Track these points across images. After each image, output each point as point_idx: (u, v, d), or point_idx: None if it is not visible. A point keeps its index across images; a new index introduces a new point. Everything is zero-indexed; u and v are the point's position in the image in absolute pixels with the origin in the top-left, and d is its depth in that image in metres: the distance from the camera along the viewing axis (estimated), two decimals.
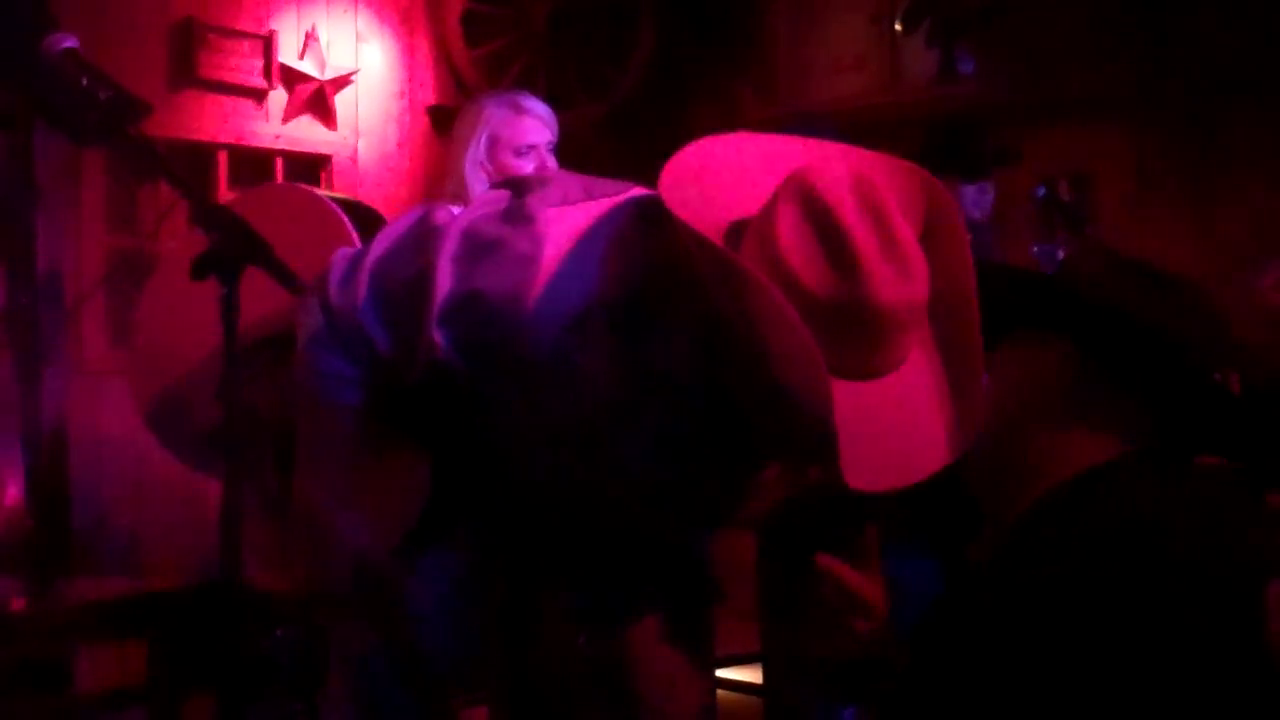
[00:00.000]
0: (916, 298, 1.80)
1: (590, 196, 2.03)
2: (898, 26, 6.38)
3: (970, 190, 4.65)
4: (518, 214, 1.99)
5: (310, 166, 5.73)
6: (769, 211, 1.82)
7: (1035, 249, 4.65)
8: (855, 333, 1.77)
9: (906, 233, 1.80)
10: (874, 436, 1.77)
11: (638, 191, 2.05)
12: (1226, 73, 5.54)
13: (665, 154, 5.85)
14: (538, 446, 2.07)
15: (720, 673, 4.12)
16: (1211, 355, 1.89)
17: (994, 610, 1.69)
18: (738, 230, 1.87)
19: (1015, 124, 5.88)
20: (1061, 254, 4.63)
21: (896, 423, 1.82)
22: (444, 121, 6.05)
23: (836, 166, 1.83)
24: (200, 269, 1.96)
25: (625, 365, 1.95)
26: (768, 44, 6.82)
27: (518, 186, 2.07)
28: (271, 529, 2.28)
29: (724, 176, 1.91)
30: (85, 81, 2.20)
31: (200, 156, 5.42)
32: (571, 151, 3.91)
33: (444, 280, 1.94)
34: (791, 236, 1.77)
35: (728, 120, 6.65)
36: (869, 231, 1.77)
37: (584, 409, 1.99)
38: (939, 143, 4.80)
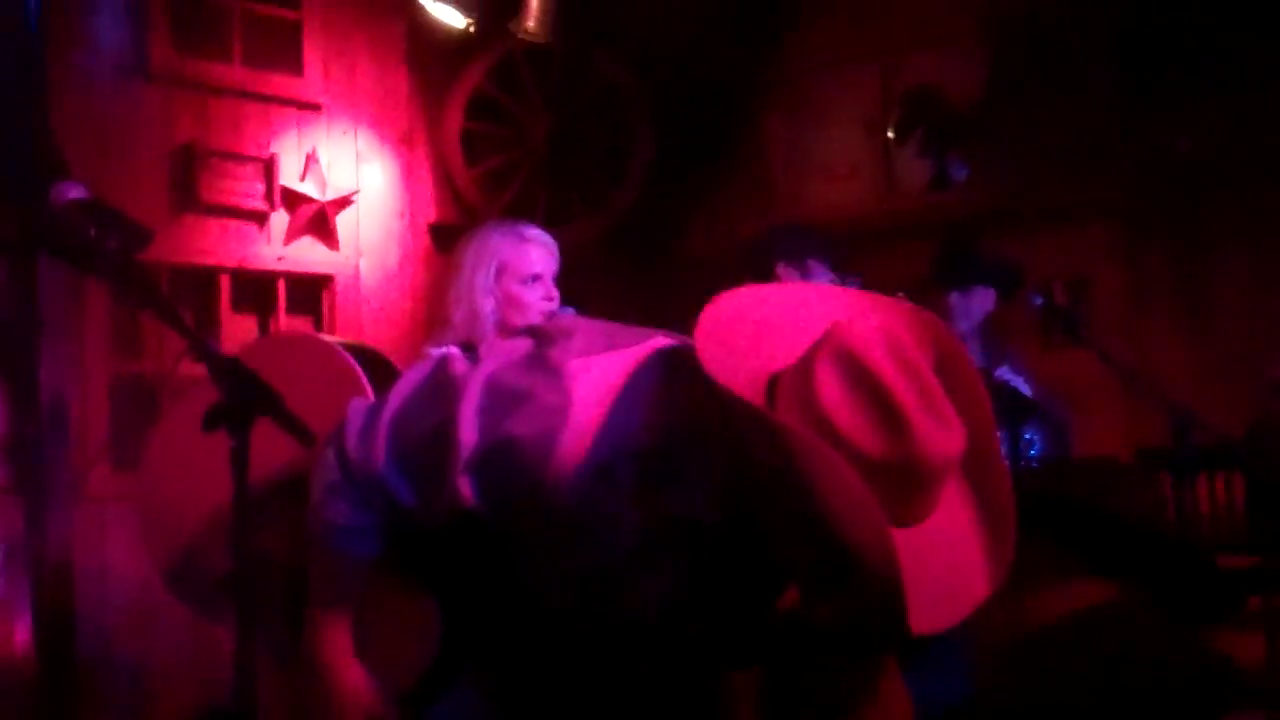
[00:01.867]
0: (958, 448, 1.84)
1: (613, 346, 2.06)
2: (891, 135, 6.45)
3: (963, 301, 4.71)
4: (543, 365, 2.01)
5: (313, 287, 5.77)
6: (806, 370, 1.85)
7: (998, 372, 4.69)
8: (905, 486, 1.81)
9: (938, 384, 1.84)
10: (925, 580, 1.80)
11: (659, 341, 2.09)
12: (1215, 173, 5.59)
13: (664, 265, 5.91)
14: (558, 589, 2.08)
15: None
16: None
17: None
18: (773, 384, 1.90)
19: (1009, 231, 5.93)
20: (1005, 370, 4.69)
21: (941, 563, 1.86)
22: (445, 239, 6.10)
23: (867, 323, 1.87)
24: (211, 421, 1.98)
25: (650, 511, 1.98)
26: (763, 155, 6.90)
27: (540, 336, 2.09)
28: (280, 678, 2.27)
29: (753, 329, 1.95)
30: (93, 231, 2.24)
31: (203, 280, 5.46)
32: (572, 266, 3.95)
33: (468, 431, 1.97)
34: (835, 396, 1.81)
35: (725, 231, 6.73)
36: (908, 387, 1.81)
37: (607, 553, 2.01)
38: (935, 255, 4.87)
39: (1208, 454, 4.81)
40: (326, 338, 2.64)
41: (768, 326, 1.97)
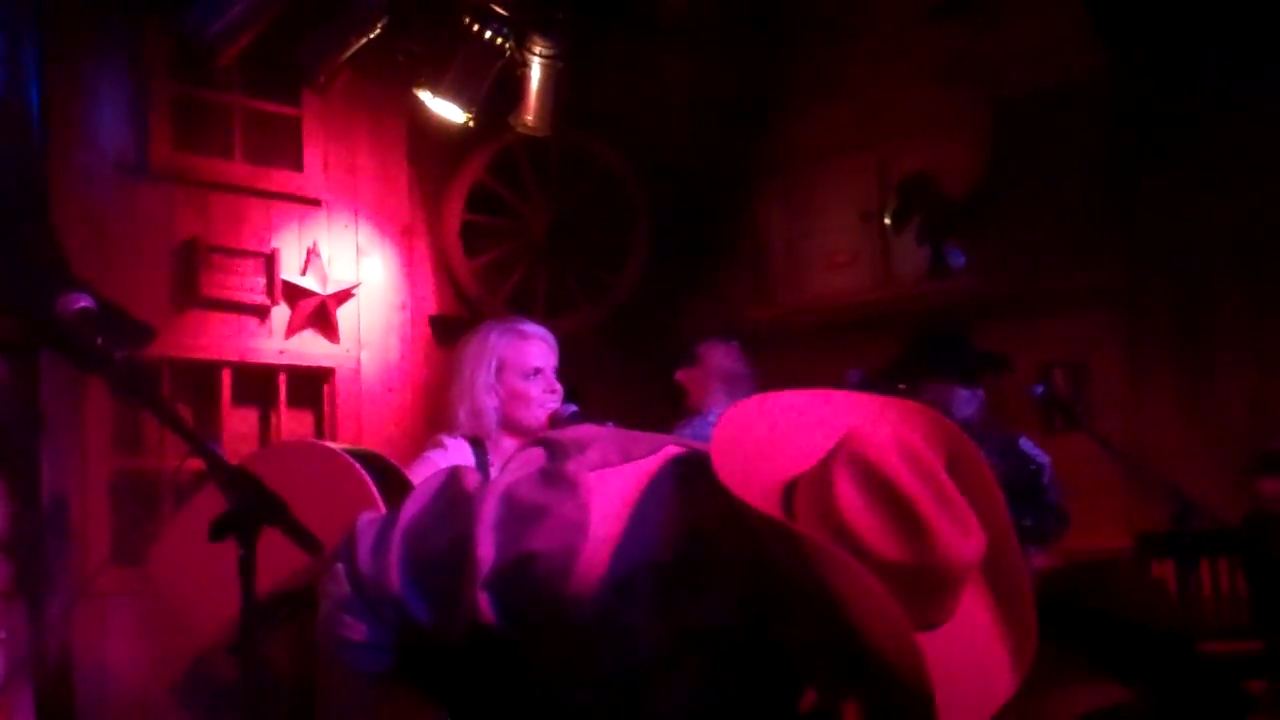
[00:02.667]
0: (978, 551, 1.84)
1: (628, 458, 2.06)
2: (887, 223, 6.48)
3: (964, 393, 4.70)
4: (559, 478, 2.00)
5: (314, 380, 5.79)
6: (824, 479, 1.86)
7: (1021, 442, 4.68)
8: (927, 591, 1.82)
9: (954, 488, 1.84)
10: (950, 682, 1.81)
11: (672, 450, 2.09)
12: (1214, 258, 5.62)
13: (664, 354, 5.90)
14: (577, 701, 2.07)
15: None
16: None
17: None
18: (789, 491, 1.91)
19: (1008, 316, 5.96)
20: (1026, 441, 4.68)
21: (965, 664, 1.87)
22: (446, 331, 6.13)
23: (880, 429, 1.88)
24: (218, 530, 1.98)
25: (670, 623, 1.97)
26: (761, 243, 6.94)
27: (554, 448, 2.08)
28: None
29: (766, 437, 1.96)
30: (100, 340, 2.24)
31: (204, 374, 5.47)
32: (573, 355, 3.98)
33: (486, 547, 1.95)
34: (854, 504, 1.81)
35: (724, 319, 6.74)
36: (925, 492, 1.82)
37: (626, 664, 2.00)
38: (931, 347, 4.86)
39: (1208, 539, 4.81)
40: (334, 445, 2.64)
41: (780, 433, 1.98)
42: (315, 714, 2.11)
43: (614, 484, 2.00)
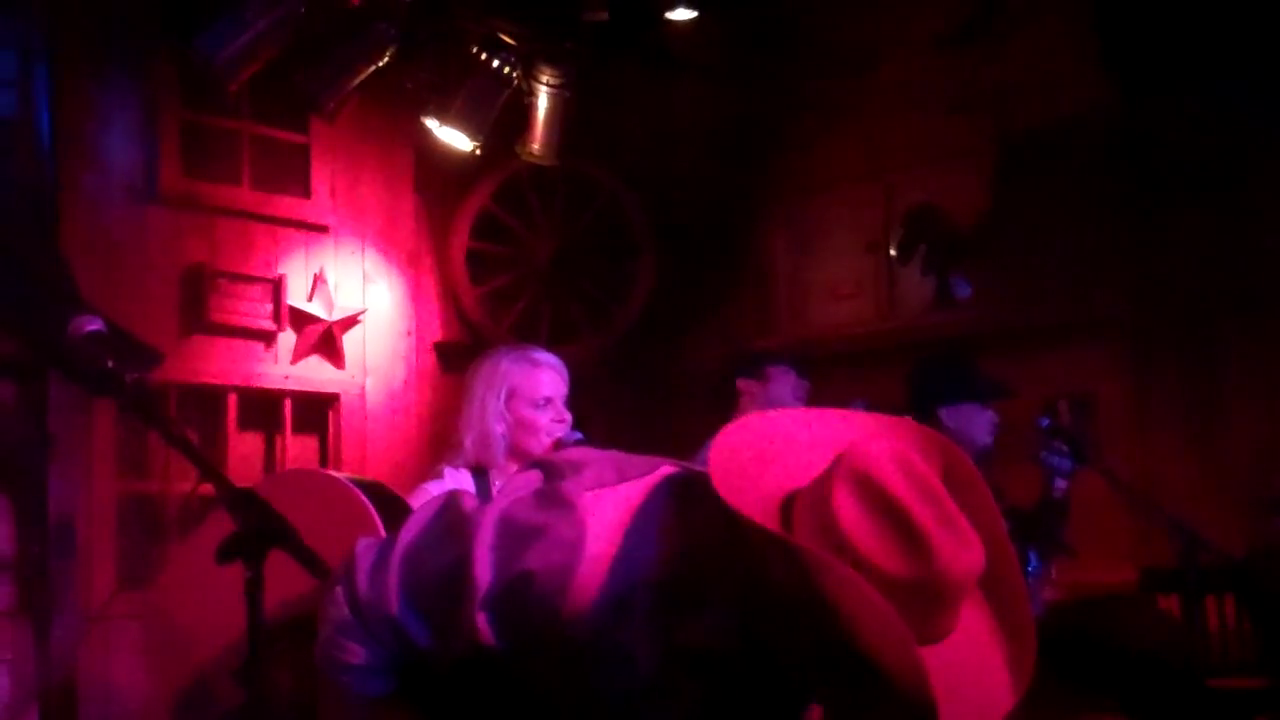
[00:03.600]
0: (979, 564, 1.85)
1: (624, 477, 2.06)
2: (893, 254, 6.49)
3: (988, 415, 4.69)
4: (555, 499, 2.01)
5: (319, 406, 5.80)
6: (823, 495, 1.86)
7: (1043, 455, 4.65)
8: (928, 604, 1.82)
9: (953, 502, 1.85)
10: (953, 695, 1.81)
11: (667, 469, 2.10)
12: (1221, 292, 5.61)
13: (667, 383, 5.90)
14: (576, 719, 2.07)
15: None
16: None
17: None
18: (787, 507, 1.91)
19: (1013, 349, 5.95)
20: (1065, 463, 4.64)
21: (967, 677, 1.87)
22: (451, 358, 6.14)
23: (879, 445, 1.89)
24: (226, 552, 1.98)
25: (668, 641, 1.98)
26: (766, 273, 6.94)
27: (550, 470, 2.09)
28: None
29: (764, 454, 1.96)
30: (110, 363, 2.25)
31: (210, 398, 5.48)
32: (576, 383, 3.98)
33: (483, 568, 1.96)
34: (854, 519, 1.82)
35: (728, 348, 6.75)
36: (925, 507, 1.82)
37: (625, 684, 2.00)
38: (943, 372, 4.84)
39: (1214, 575, 4.79)
40: (336, 474, 2.64)
41: (777, 450, 1.98)
42: None
43: (610, 504, 2.01)
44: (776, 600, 1.89)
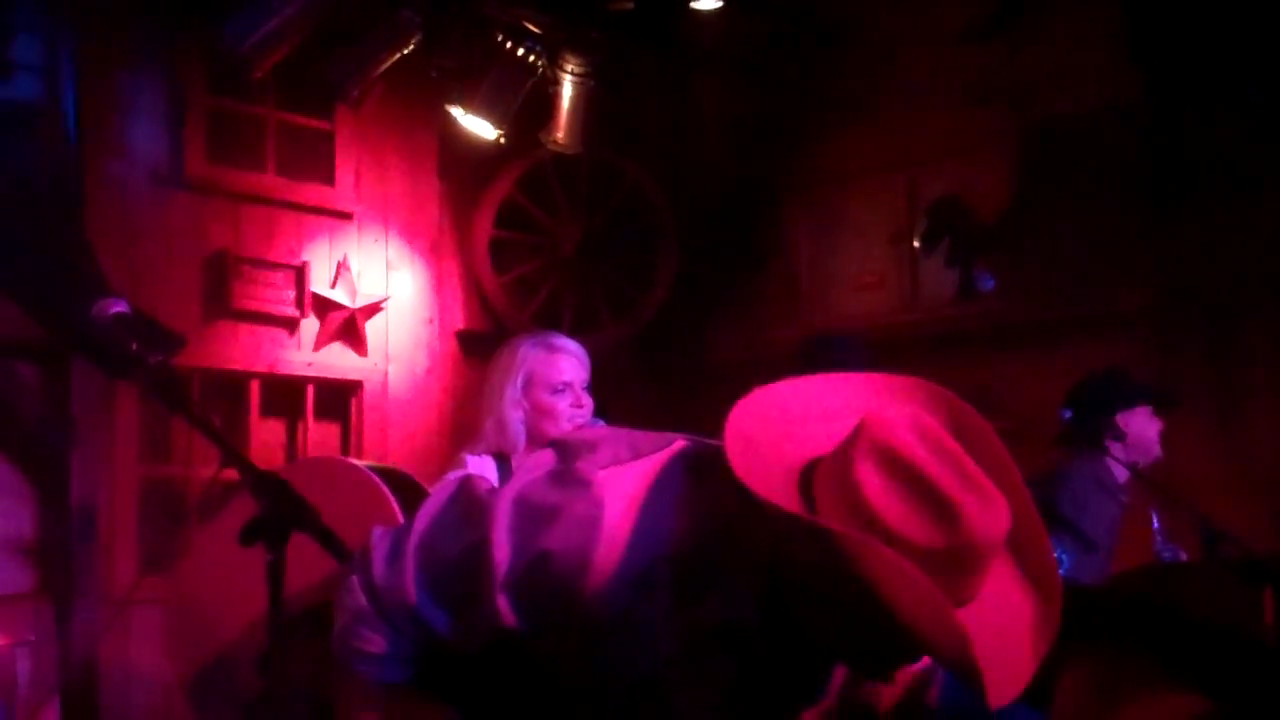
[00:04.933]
0: (1006, 521, 1.85)
1: (638, 454, 2.06)
2: (917, 245, 6.47)
3: (1158, 424, 4.77)
4: (571, 478, 2.01)
5: (341, 393, 5.81)
6: (845, 469, 1.86)
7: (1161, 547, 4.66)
8: (960, 569, 1.83)
9: (973, 463, 1.85)
10: (989, 653, 1.82)
11: (681, 444, 2.10)
12: (1245, 286, 5.59)
13: (690, 372, 5.90)
14: (599, 701, 2.07)
15: None
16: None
17: None
18: (807, 480, 1.92)
19: (1035, 341, 5.93)
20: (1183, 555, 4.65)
21: (1000, 634, 1.89)
22: (473, 346, 6.15)
23: (896, 412, 1.89)
24: (249, 535, 1.98)
25: (689, 617, 1.98)
26: (790, 263, 6.93)
27: (564, 449, 2.09)
28: None
29: (777, 425, 1.97)
30: (135, 345, 2.25)
31: (233, 384, 5.50)
32: (599, 372, 3.97)
33: (502, 550, 1.96)
34: (880, 493, 1.82)
35: (751, 339, 6.74)
36: (948, 473, 1.83)
37: (648, 662, 2.01)
38: (1118, 378, 4.90)
39: (1236, 568, 4.77)
40: (357, 462, 2.64)
41: (791, 422, 1.99)
42: None
43: (625, 481, 2.01)
44: (805, 577, 1.91)
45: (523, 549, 1.97)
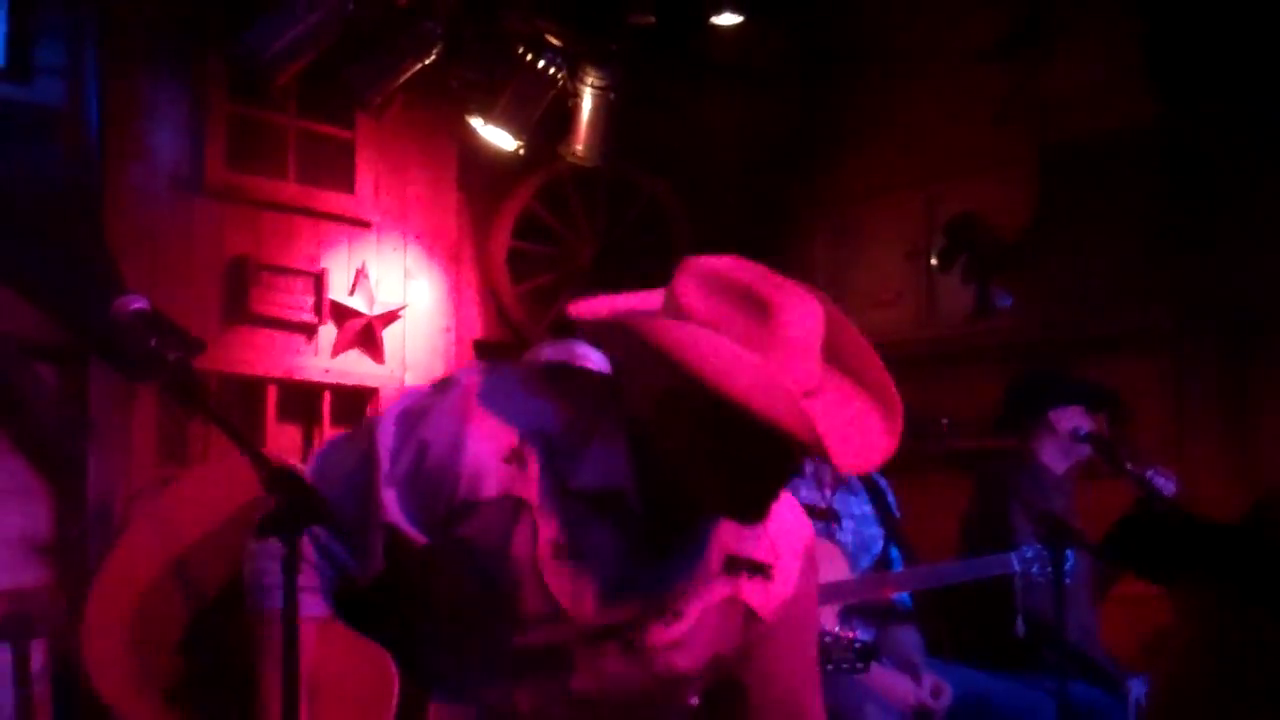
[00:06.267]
0: (818, 315, 2.06)
1: (512, 364, 2.35)
2: (934, 262, 6.48)
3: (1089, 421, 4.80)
4: (444, 383, 2.23)
5: (357, 399, 5.82)
6: (670, 294, 2.06)
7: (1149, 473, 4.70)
8: (782, 353, 1.99)
9: (789, 279, 2.08)
10: (834, 433, 1.99)
11: (550, 354, 2.31)
12: (1262, 307, 5.58)
13: None
14: (479, 596, 2.18)
15: None
16: None
17: None
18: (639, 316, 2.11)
19: (1051, 359, 5.93)
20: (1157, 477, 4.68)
21: (845, 424, 2.06)
22: (490, 356, 6.16)
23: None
24: (264, 528, 2.00)
25: (564, 492, 2.13)
26: (807, 279, 6.88)
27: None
28: None
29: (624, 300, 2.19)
30: (154, 342, 2.27)
31: (250, 389, 5.52)
32: None
33: (384, 451, 2.14)
34: (695, 295, 2.03)
35: None
36: (762, 282, 2.04)
37: (526, 548, 2.13)
38: (1053, 376, 4.94)
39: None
40: None
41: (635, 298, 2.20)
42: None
43: (493, 376, 2.22)
44: (651, 409, 2.07)
45: (401, 445, 2.14)
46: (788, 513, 2.36)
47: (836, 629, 3.72)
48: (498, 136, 5.67)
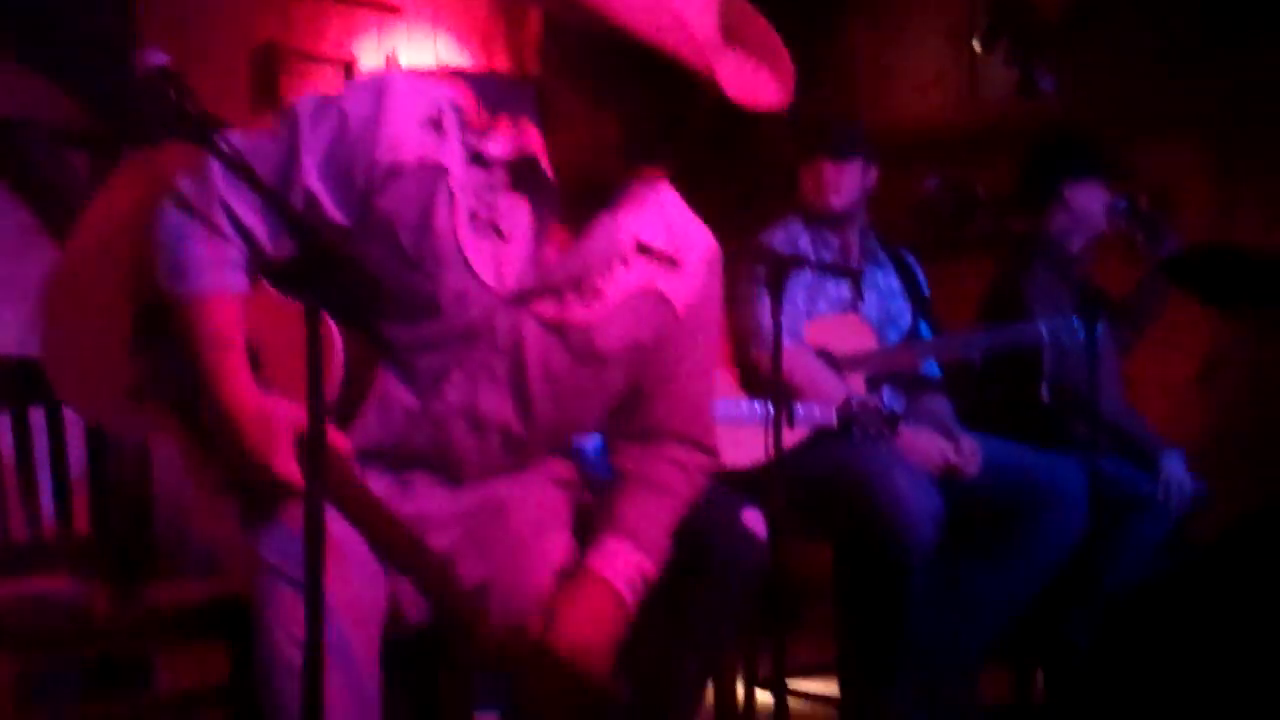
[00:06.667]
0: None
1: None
2: (975, 45, 6.36)
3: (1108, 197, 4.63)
4: (363, 79, 2.41)
5: None
6: None
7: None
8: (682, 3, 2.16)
9: None
10: (730, 75, 2.19)
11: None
12: None
13: (744, 170, 5.77)
14: (413, 282, 2.25)
15: (794, 684, 4.13)
16: None
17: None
18: None
19: (1095, 140, 5.84)
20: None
21: (737, 68, 2.25)
22: None
23: None
24: (285, 280, 1.98)
25: (480, 161, 2.25)
26: (846, 62, 6.81)
27: None
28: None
29: None
30: (174, 95, 2.24)
31: None
32: None
33: (305, 119, 2.24)
34: None
35: None
36: None
37: (450, 219, 2.24)
38: (1071, 148, 4.75)
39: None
40: None
41: None
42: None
43: (412, 71, 2.40)
44: (564, 57, 2.31)
45: (322, 115, 2.24)
46: (691, 222, 2.50)
47: (864, 396, 3.71)
48: None
